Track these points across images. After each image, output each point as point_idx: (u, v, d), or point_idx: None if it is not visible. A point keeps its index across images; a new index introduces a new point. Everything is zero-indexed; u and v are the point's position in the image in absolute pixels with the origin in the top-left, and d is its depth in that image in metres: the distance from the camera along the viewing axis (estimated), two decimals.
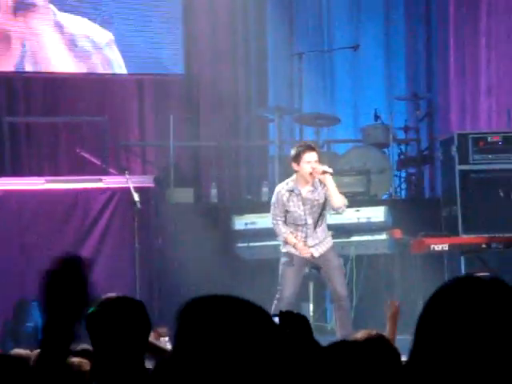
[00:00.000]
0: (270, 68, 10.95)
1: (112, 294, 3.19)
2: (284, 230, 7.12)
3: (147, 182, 8.51)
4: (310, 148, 7.08)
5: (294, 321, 2.52)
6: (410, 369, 1.79)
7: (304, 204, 7.07)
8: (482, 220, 8.28)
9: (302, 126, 10.28)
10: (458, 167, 8.39)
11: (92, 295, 2.00)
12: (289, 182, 7.16)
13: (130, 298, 3.24)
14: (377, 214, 8.45)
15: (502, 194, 8.31)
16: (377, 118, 10.03)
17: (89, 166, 9.50)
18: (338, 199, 7.06)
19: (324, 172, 7.00)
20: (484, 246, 8.04)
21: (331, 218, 7.99)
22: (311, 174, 6.99)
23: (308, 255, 7.09)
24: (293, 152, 7.12)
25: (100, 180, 8.52)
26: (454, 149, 8.44)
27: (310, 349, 2.42)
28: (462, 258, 8.36)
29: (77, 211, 8.38)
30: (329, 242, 7.27)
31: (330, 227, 8.19)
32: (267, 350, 1.61)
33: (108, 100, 10.17)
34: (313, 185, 7.08)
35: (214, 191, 9.50)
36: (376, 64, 11.09)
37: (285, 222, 7.15)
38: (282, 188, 7.17)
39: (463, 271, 8.33)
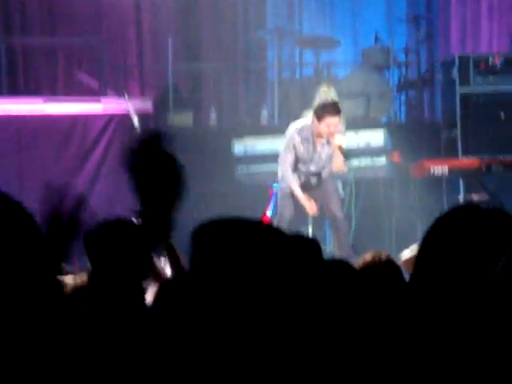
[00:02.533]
0: None
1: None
2: (292, 179, 7.15)
3: (146, 105, 8.46)
4: (336, 112, 7.04)
5: (305, 245, 2.51)
6: (411, 297, 1.80)
7: (313, 153, 7.17)
8: (482, 142, 8.26)
9: (302, 48, 10.18)
10: (459, 89, 8.33)
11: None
12: (304, 127, 7.15)
13: (130, 221, 3.24)
14: (376, 137, 8.42)
15: (502, 116, 8.27)
16: (377, 40, 9.93)
17: (87, 88, 9.42)
18: (339, 166, 7.17)
19: (340, 147, 7.05)
20: (484, 168, 8.04)
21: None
22: (328, 136, 7.04)
23: (312, 212, 7.12)
24: (319, 104, 7.08)
25: (99, 101, 8.47)
26: (454, 71, 8.37)
27: (321, 274, 2.42)
28: (461, 181, 8.36)
29: (75, 135, 8.35)
30: (326, 171, 7.32)
31: None
32: (282, 271, 1.61)
33: (105, 21, 10.02)
34: (325, 141, 7.16)
35: (213, 114, 9.45)
36: None
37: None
38: (294, 131, 7.16)
39: (462, 194, 8.35)
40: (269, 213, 4.32)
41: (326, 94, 8.37)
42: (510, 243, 1.70)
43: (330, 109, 7.05)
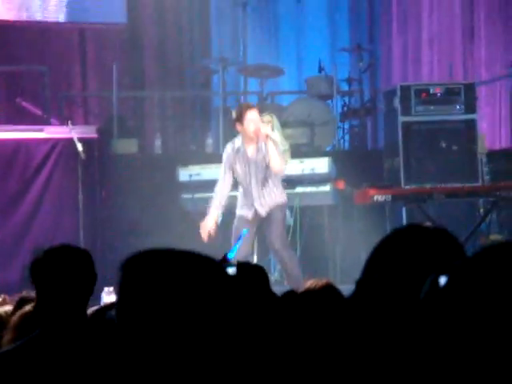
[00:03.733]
0: (214, 18, 10.85)
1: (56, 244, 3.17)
2: (214, 196, 7.12)
3: (90, 132, 8.42)
4: (251, 107, 7.18)
5: (251, 271, 2.51)
6: (353, 311, 1.82)
7: (249, 164, 7.07)
8: (424, 171, 8.38)
9: (247, 77, 10.25)
10: (401, 118, 8.45)
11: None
12: (235, 141, 7.15)
13: (75, 246, 3.22)
14: (321, 165, 8.50)
15: (443, 145, 8.41)
16: (321, 69, 10.04)
17: (30, 116, 9.35)
18: (276, 164, 7.01)
19: (267, 136, 7.01)
20: (426, 196, 8.15)
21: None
22: (255, 132, 6.99)
23: (203, 235, 7.01)
24: (234, 113, 7.18)
25: (42, 130, 8.40)
26: (396, 100, 8.48)
27: (267, 299, 2.43)
28: (404, 209, 8.46)
29: (18, 162, 8.27)
30: (276, 197, 7.18)
31: None
32: (218, 301, 1.59)
33: (49, 49, 9.97)
34: (258, 145, 7.07)
35: (158, 142, 9.44)
36: (319, 15, 11.07)
37: (236, 183, 7.16)
38: (229, 147, 7.17)
39: (405, 222, 8.44)
40: (230, 255, 4.30)
41: (269, 122, 8.44)
42: (453, 260, 1.73)
43: (245, 107, 7.18)
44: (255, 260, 8.02)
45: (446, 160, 8.35)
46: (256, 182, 7.11)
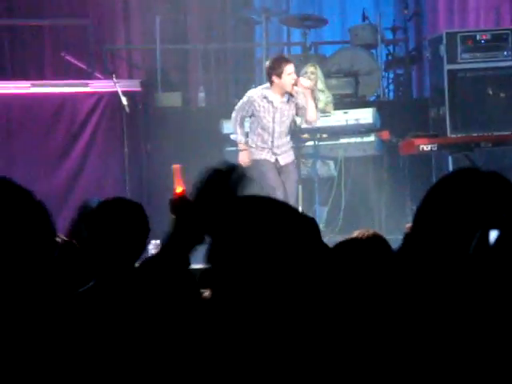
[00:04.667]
0: None
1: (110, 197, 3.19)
2: (239, 131, 7.38)
3: (134, 86, 8.44)
4: (288, 60, 7.34)
5: (304, 222, 2.50)
6: (405, 258, 1.81)
7: (275, 112, 7.27)
8: (470, 119, 8.28)
9: (290, 27, 10.16)
10: (447, 66, 8.33)
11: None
12: (263, 89, 7.34)
13: (128, 199, 3.25)
14: (365, 115, 8.43)
15: (490, 92, 8.28)
16: (364, 18, 9.92)
17: (74, 70, 9.38)
18: (313, 113, 7.31)
19: (306, 88, 7.23)
20: (472, 145, 8.05)
21: (319, 121, 7.97)
22: (294, 85, 7.18)
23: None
24: (271, 64, 7.29)
25: (86, 84, 8.44)
26: (442, 48, 8.37)
27: (319, 250, 2.43)
28: (450, 159, 8.38)
29: (64, 116, 8.32)
30: (291, 155, 7.46)
31: (319, 130, 8.19)
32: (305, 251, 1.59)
33: (92, 2, 9.96)
34: (285, 96, 7.27)
35: (201, 95, 9.43)
36: None
37: (251, 127, 7.39)
38: (254, 93, 7.36)
39: (451, 171, 8.37)
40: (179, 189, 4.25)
41: (312, 73, 8.39)
42: (508, 205, 1.70)
43: (283, 60, 7.31)
44: (300, 210, 8.01)
45: (492, 108, 8.24)
46: (279, 131, 7.32)
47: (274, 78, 7.21)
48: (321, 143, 8.25)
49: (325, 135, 8.28)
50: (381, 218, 8.48)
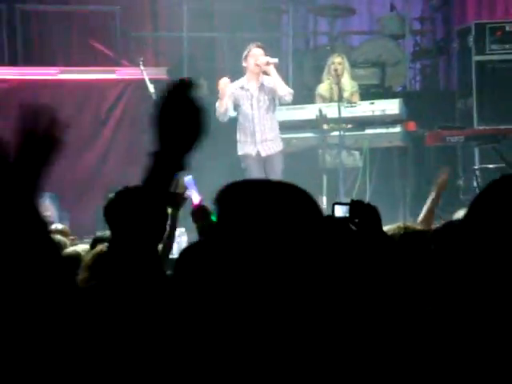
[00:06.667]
0: None
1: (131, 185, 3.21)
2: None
3: (161, 73, 8.46)
4: (258, 46, 7.56)
5: (364, 210, 2.49)
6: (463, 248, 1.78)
7: (251, 99, 7.48)
8: (497, 111, 8.22)
9: (317, 16, 10.13)
10: (475, 58, 8.28)
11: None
12: (240, 79, 7.58)
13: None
14: (391, 106, 8.39)
15: None
16: (392, 8, 9.88)
17: (101, 56, 9.41)
18: (282, 87, 7.49)
19: (268, 63, 7.44)
20: (500, 137, 7.99)
21: (345, 111, 7.96)
22: (256, 65, 7.41)
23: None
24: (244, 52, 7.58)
25: (113, 71, 8.46)
26: (470, 39, 8.31)
27: (379, 238, 2.43)
28: (477, 150, 8.34)
29: (91, 103, 8.36)
30: (278, 145, 7.60)
31: (345, 120, 8.16)
32: (311, 234, 1.59)
33: None
34: (260, 81, 7.49)
35: None
36: None
37: (237, 123, 7.59)
38: (231, 85, 7.55)
39: (477, 163, 8.33)
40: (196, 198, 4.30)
41: (340, 63, 8.36)
42: None
43: (252, 44, 7.56)
44: (324, 201, 8.02)
45: None
46: (259, 118, 7.49)
47: (243, 63, 7.52)
48: (346, 133, 8.22)
49: (350, 125, 8.24)
50: (405, 207, 8.45)
